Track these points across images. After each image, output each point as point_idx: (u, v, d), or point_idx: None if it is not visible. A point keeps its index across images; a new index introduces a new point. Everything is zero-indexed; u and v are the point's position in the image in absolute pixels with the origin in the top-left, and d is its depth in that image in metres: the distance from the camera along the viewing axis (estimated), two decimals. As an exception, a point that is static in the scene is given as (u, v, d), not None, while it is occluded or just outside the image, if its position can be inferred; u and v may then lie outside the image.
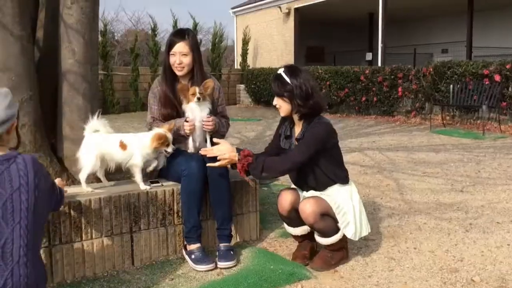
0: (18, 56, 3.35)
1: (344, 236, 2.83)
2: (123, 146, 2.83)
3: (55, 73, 3.66)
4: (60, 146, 3.64)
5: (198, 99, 2.98)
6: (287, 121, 2.97)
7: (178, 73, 3.14)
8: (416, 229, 3.58)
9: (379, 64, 13.76)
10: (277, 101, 2.86)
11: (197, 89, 2.99)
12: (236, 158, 2.77)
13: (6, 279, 1.79)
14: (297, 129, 2.90)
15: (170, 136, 2.89)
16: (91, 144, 2.85)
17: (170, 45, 3.11)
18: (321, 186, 2.87)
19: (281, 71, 2.82)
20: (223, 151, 2.81)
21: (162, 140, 2.83)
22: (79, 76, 3.51)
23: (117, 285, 2.63)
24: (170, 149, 2.88)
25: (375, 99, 11.43)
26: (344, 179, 2.89)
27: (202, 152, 2.90)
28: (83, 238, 2.68)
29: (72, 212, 2.63)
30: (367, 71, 11.57)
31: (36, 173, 1.93)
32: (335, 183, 2.86)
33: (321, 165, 2.82)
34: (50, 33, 3.79)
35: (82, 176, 2.83)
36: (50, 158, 3.58)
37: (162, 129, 2.88)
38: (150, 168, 2.96)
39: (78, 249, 2.67)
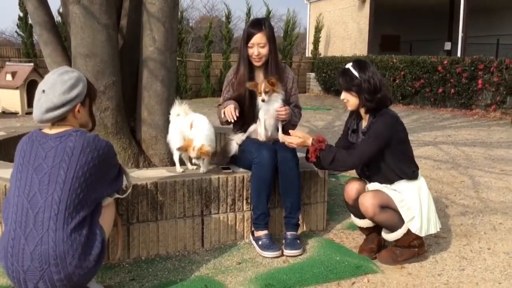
0: (104, 43, 3.55)
1: (411, 233, 2.77)
2: (192, 126, 2.99)
3: (136, 60, 3.84)
4: (139, 129, 3.83)
5: (263, 100, 3.03)
6: (354, 115, 2.97)
7: (256, 63, 3.19)
8: (491, 229, 3.43)
9: (459, 55, 13.11)
10: (344, 96, 2.86)
11: (262, 87, 3.02)
12: (310, 141, 2.82)
13: (36, 245, 1.94)
14: (364, 123, 2.90)
15: None
16: (175, 127, 3.08)
17: (248, 37, 3.14)
18: (387, 181, 2.84)
19: (349, 65, 2.84)
20: (298, 134, 2.88)
21: None
22: (158, 63, 3.66)
23: (188, 264, 2.76)
24: None
25: (452, 91, 10.94)
26: (411, 176, 2.84)
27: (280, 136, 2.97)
28: (158, 218, 2.82)
29: (149, 193, 2.77)
30: (445, 62, 11.07)
31: (84, 150, 2.04)
32: (401, 179, 2.82)
33: (387, 160, 2.78)
34: (133, 21, 3.98)
35: (175, 158, 3.08)
36: (129, 140, 3.79)
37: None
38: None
39: (153, 228, 2.82)
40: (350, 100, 2.85)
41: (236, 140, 3.17)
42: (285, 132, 3.21)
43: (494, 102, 10.23)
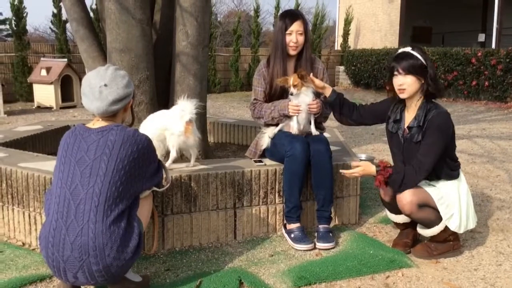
0: (138, 38, 3.61)
1: (448, 229, 2.73)
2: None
3: (169, 54, 3.89)
4: (171, 123, 3.87)
5: (291, 94, 3.02)
6: (397, 104, 2.87)
7: (292, 52, 3.18)
8: (529, 224, 3.36)
9: (493, 46, 12.76)
10: (404, 80, 2.69)
11: (291, 81, 3.01)
12: (373, 169, 2.74)
13: (77, 236, 2.00)
14: (409, 115, 2.79)
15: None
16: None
17: (288, 24, 3.14)
18: (429, 179, 2.79)
19: (408, 49, 2.73)
20: (359, 164, 2.85)
21: None
22: (191, 57, 3.70)
23: (221, 256, 2.79)
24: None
25: (486, 83, 10.68)
26: (453, 176, 2.78)
27: (342, 171, 2.94)
28: (192, 210, 2.86)
29: (183, 185, 2.81)
30: (479, 54, 10.81)
31: (125, 144, 2.09)
32: (441, 178, 2.77)
33: None
34: (166, 16, 4.03)
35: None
36: (162, 134, 3.84)
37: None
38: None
39: (187, 220, 2.86)
40: (411, 85, 2.69)
41: (268, 134, 3.18)
42: (317, 124, 3.21)
43: (531, 94, 9.93)
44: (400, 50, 2.77)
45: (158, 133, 2.83)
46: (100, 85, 2.16)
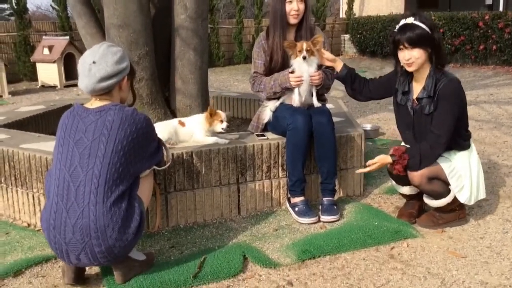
0: (136, 13, 3.54)
1: (455, 199, 2.70)
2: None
3: (168, 29, 3.82)
4: (173, 99, 3.85)
5: (304, 57, 2.93)
6: (403, 75, 2.77)
7: (293, 20, 3.10)
8: (537, 190, 3.32)
9: (501, 9, 12.46)
10: (412, 53, 2.58)
11: (304, 45, 2.94)
12: (389, 159, 2.68)
13: (77, 218, 1.99)
14: (416, 86, 2.71)
15: (223, 113, 3.00)
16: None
17: None
18: None
19: (411, 19, 2.59)
20: (374, 161, 2.74)
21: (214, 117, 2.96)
22: (190, 31, 3.64)
23: (225, 232, 2.79)
24: (224, 126, 2.97)
25: (494, 47, 10.46)
26: (464, 146, 2.72)
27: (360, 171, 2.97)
28: (195, 187, 2.85)
29: (185, 162, 2.79)
30: (486, 17, 10.55)
31: (123, 124, 2.06)
32: (452, 149, 2.72)
33: None
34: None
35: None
36: (164, 110, 3.82)
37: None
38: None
39: (190, 197, 2.85)
40: (420, 57, 2.58)
41: (270, 107, 3.14)
42: (319, 96, 3.15)
43: (540, 57, 9.73)
44: (403, 22, 2.64)
45: None
46: (90, 63, 2.12)
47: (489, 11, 11.72)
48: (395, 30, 2.67)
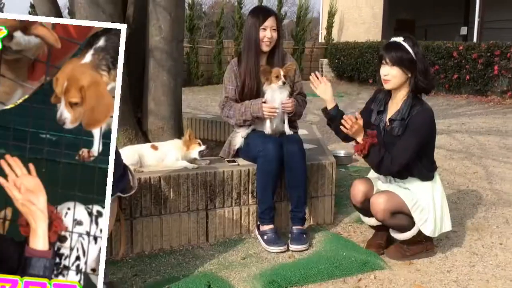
0: (109, 34, 3.50)
1: (422, 232, 2.70)
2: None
3: (142, 50, 3.79)
4: (145, 120, 3.79)
5: (284, 83, 2.95)
6: (382, 95, 2.81)
7: (266, 48, 3.11)
8: (504, 222, 3.35)
9: (475, 40, 12.81)
10: (390, 71, 2.63)
11: (281, 72, 2.95)
12: (362, 133, 2.66)
13: None
14: (392, 107, 2.74)
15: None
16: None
17: (263, 19, 3.06)
18: (401, 177, 2.75)
19: (399, 39, 2.65)
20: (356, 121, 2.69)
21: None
22: (165, 53, 3.61)
23: (192, 259, 2.73)
24: (202, 148, 2.97)
25: (467, 77, 10.72)
26: (428, 177, 2.74)
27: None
28: (162, 213, 2.79)
29: (152, 187, 2.74)
30: (460, 47, 10.84)
31: None
32: (415, 178, 2.74)
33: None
34: (139, 10, 3.92)
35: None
36: (135, 131, 3.76)
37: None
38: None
39: (157, 223, 2.79)
40: (396, 76, 2.62)
41: (241, 133, 3.12)
42: (291, 123, 3.15)
43: (510, 88, 10.00)
44: (392, 39, 2.70)
45: None
46: None
47: (463, 42, 12.04)
48: (383, 45, 2.75)
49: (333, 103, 2.88)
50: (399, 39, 2.66)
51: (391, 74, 2.64)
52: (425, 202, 2.68)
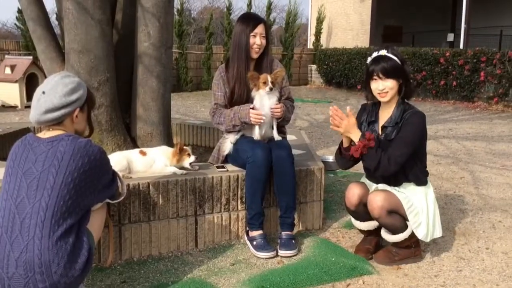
0: (98, 39, 3.50)
1: (412, 235, 2.73)
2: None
3: (131, 56, 3.79)
4: (134, 126, 3.78)
5: (271, 89, 2.96)
6: (369, 107, 2.85)
7: (255, 55, 3.13)
8: (490, 227, 3.39)
9: (461, 46, 12.98)
10: (386, 84, 2.65)
11: (269, 78, 2.97)
12: (358, 133, 2.65)
13: (21, 252, 1.89)
14: (383, 115, 2.77)
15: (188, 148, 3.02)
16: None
17: (253, 26, 3.08)
18: (397, 183, 2.78)
19: (384, 52, 2.68)
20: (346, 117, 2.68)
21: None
22: (153, 59, 3.61)
23: (181, 266, 2.72)
24: (192, 159, 2.98)
25: (454, 83, 10.86)
26: (422, 182, 2.78)
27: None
28: (151, 219, 2.78)
29: (141, 193, 2.73)
30: (447, 54, 10.98)
31: (75, 156, 1.99)
32: (410, 182, 2.77)
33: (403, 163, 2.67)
34: (128, 16, 3.92)
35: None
36: (124, 137, 3.75)
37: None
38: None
39: (146, 229, 2.78)
40: (393, 88, 2.66)
41: (230, 139, 3.12)
42: (279, 128, 3.16)
43: (497, 94, 10.15)
44: (376, 54, 2.72)
45: None
46: (40, 93, 2.06)
47: (450, 48, 12.20)
48: (367, 62, 2.75)
49: (359, 133, 2.69)
50: (383, 52, 2.70)
51: (387, 87, 2.67)
52: (420, 206, 2.72)
